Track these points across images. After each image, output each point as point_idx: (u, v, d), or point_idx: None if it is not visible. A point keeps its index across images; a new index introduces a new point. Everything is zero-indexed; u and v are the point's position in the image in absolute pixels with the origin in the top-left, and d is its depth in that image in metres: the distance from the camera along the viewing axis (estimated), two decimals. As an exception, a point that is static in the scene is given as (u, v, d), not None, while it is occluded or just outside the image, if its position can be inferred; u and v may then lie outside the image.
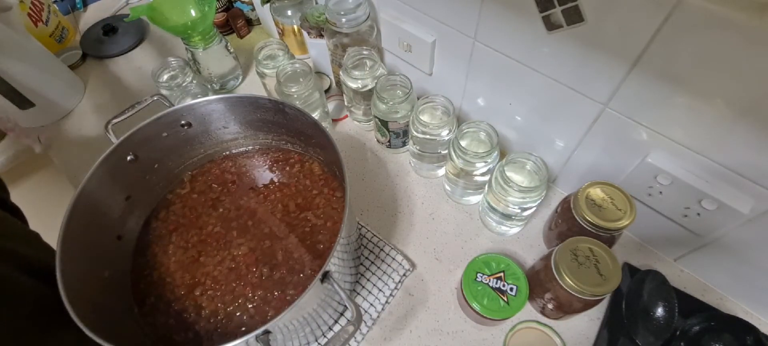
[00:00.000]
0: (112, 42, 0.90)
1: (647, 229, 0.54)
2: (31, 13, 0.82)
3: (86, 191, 0.46)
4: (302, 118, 0.52)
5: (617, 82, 0.43)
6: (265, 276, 0.51)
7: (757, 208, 0.41)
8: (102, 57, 0.89)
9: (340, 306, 0.51)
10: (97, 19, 0.95)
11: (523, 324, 0.47)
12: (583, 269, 0.42)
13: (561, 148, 0.56)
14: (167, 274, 0.53)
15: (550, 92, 0.50)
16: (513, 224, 0.57)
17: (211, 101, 0.53)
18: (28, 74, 0.72)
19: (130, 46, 0.90)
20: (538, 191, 0.49)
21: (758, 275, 0.47)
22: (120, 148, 0.50)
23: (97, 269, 0.48)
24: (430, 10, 0.56)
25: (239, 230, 0.55)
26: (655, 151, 0.46)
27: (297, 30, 0.77)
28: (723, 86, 0.36)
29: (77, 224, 0.44)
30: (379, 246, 0.58)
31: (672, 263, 0.55)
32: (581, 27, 0.41)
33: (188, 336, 0.48)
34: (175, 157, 0.58)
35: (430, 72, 0.64)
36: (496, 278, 0.48)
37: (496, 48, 0.51)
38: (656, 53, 0.38)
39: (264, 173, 0.60)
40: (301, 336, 0.46)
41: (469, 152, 0.52)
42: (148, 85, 0.81)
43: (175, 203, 0.58)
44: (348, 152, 0.70)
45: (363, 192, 0.65)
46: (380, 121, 0.62)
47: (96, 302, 0.43)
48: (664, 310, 0.46)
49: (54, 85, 0.76)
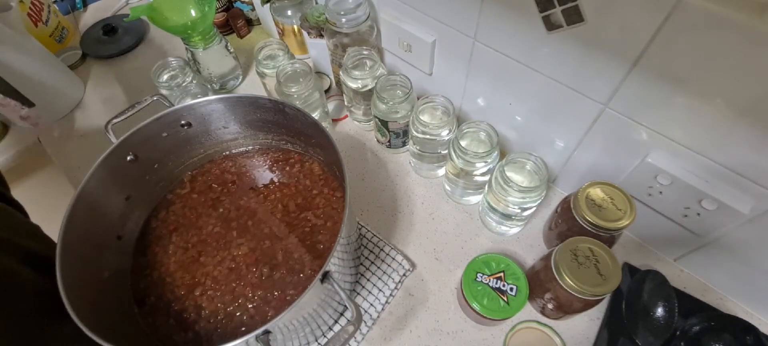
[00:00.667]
0: (112, 42, 0.90)
1: (647, 229, 0.54)
2: (31, 13, 0.82)
3: (86, 190, 0.46)
4: (302, 118, 0.52)
5: (617, 82, 0.43)
6: (265, 276, 0.51)
7: (757, 208, 0.41)
8: (102, 57, 0.89)
9: (340, 306, 0.51)
10: (97, 19, 0.95)
11: (523, 324, 0.47)
12: (583, 269, 0.42)
13: (561, 148, 0.56)
14: (167, 274, 0.53)
15: (550, 92, 0.50)
16: (513, 224, 0.57)
17: (211, 101, 0.53)
18: (28, 74, 0.72)
19: (130, 46, 0.90)
20: (538, 191, 0.49)
21: (758, 275, 0.47)
22: (120, 148, 0.49)
23: (97, 269, 0.48)
24: (430, 10, 0.56)
25: (239, 230, 0.55)
26: (655, 151, 0.46)
27: (297, 30, 0.77)
28: (723, 86, 0.36)
29: (77, 224, 0.44)
30: (379, 246, 0.58)
31: (672, 263, 0.55)
32: (581, 27, 0.41)
33: (188, 336, 0.48)
34: (175, 157, 0.58)
35: (430, 72, 0.64)
36: (496, 278, 0.48)
37: (496, 48, 0.51)
38: (656, 53, 0.38)
39: (264, 173, 0.60)
40: (301, 336, 0.46)
41: (469, 152, 0.52)
42: (148, 85, 0.81)
43: (175, 203, 0.58)
44: (348, 152, 0.70)
45: (363, 192, 0.65)
46: (380, 121, 0.62)
47: (96, 302, 0.43)
48: (664, 310, 0.46)
49: (54, 85, 0.76)
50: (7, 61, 0.68)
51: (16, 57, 0.69)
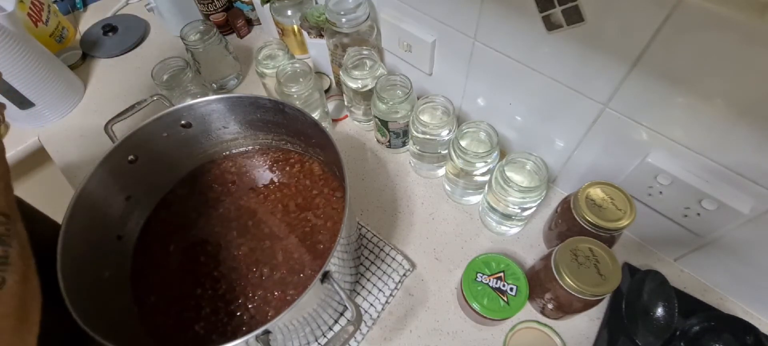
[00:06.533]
0: (112, 42, 0.90)
1: (647, 229, 0.54)
2: (31, 13, 0.82)
3: (86, 191, 0.46)
4: (302, 118, 0.52)
5: (617, 82, 0.43)
6: (265, 276, 0.51)
7: (757, 208, 0.41)
8: (102, 57, 0.89)
9: (340, 306, 0.51)
10: (97, 19, 0.95)
11: (523, 324, 0.47)
12: (583, 269, 0.42)
13: (561, 148, 0.56)
14: (167, 274, 0.53)
15: (550, 92, 0.50)
16: (513, 224, 0.57)
17: (211, 101, 0.53)
18: (28, 74, 0.71)
19: (130, 46, 0.90)
20: (538, 191, 0.49)
21: (758, 275, 0.47)
22: (120, 148, 0.50)
23: (97, 269, 0.48)
24: (430, 10, 0.56)
25: (239, 230, 0.55)
26: (655, 151, 0.46)
27: (297, 30, 0.77)
28: (723, 86, 0.36)
29: (77, 224, 0.45)
30: (379, 246, 0.58)
31: (672, 263, 0.55)
32: (581, 27, 0.41)
33: (188, 336, 0.48)
34: (175, 157, 0.58)
35: (430, 72, 0.64)
36: (496, 278, 0.48)
37: (496, 48, 0.51)
38: (656, 53, 0.38)
39: (264, 173, 0.60)
40: (301, 336, 0.46)
41: (469, 152, 0.52)
42: (148, 85, 0.81)
43: (175, 203, 0.58)
44: (348, 152, 0.70)
45: (363, 192, 0.65)
46: (380, 121, 0.62)
47: (96, 302, 0.43)
48: (664, 310, 0.46)
49: (54, 85, 0.76)
50: (7, 61, 0.68)
51: (16, 57, 0.69)
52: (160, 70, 0.69)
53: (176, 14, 0.86)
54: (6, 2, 0.71)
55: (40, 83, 0.74)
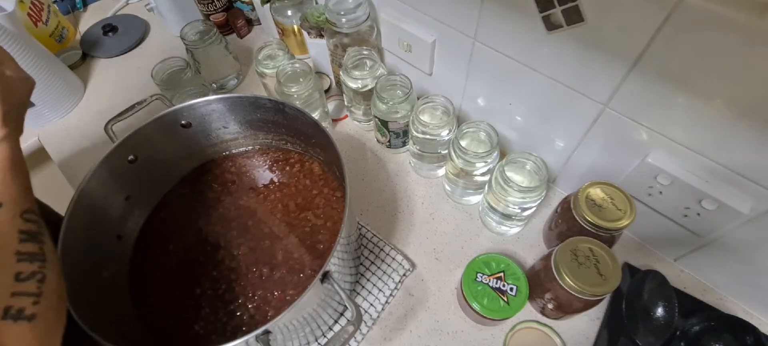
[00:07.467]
0: (112, 42, 0.90)
1: (647, 229, 0.54)
2: (31, 13, 0.82)
3: (86, 191, 0.46)
4: (302, 118, 0.52)
5: (617, 82, 0.43)
6: (264, 276, 0.51)
7: (757, 208, 0.41)
8: (102, 57, 0.89)
9: (340, 306, 0.51)
10: (97, 19, 0.95)
11: (523, 324, 0.47)
12: (583, 269, 0.42)
13: (561, 148, 0.56)
14: (167, 274, 0.53)
15: (550, 92, 0.50)
16: (513, 224, 0.57)
17: (211, 101, 0.53)
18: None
19: (130, 46, 0.90)
20: (538, 191, 0.49)
21: (758, 275, 0.47)
22: (120, 148, 0.50)
23: (97, 269, 0.48)
24: (430, 10, 0.56)
25: (239, 229, 0.55)
26: (655, 151, 0.46)
27: (297, 30, 0.77)
28: (723, 86, 0.36)
29: (77, 224, 0.45)
30: (379, 246, 0.58)
31: (672, 263, 0.55)
32: (581, 27, 0.41)
33: (188, 336, 0.48)
34: (175, 157, 0.58)
35: (430, 72, 0.64)
36: (496, 278, 0.48)
37: (496, 48, 0.51)
38: (656, 53, 0.38)
39: (264, 172, 0.60)
40: (301, 336, 0.46)
41: (469, 152, 0.52)
42: (148, 85, 0.81)
43: (175, 202, 0.58)
44: (348, 152, 0.70)
45: (363, 192, 0.65)
46: (380, 121, 0.62)
47: (96, 302, 0.43)
48: (664, 310, 0.46)
49: (54, 85, 0.76)
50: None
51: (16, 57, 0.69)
52: (160, 70, 0.69)
53: (176, 14, 0.87)
54: (6, 2, 0.71)
55: (40, 83, 0.74)
